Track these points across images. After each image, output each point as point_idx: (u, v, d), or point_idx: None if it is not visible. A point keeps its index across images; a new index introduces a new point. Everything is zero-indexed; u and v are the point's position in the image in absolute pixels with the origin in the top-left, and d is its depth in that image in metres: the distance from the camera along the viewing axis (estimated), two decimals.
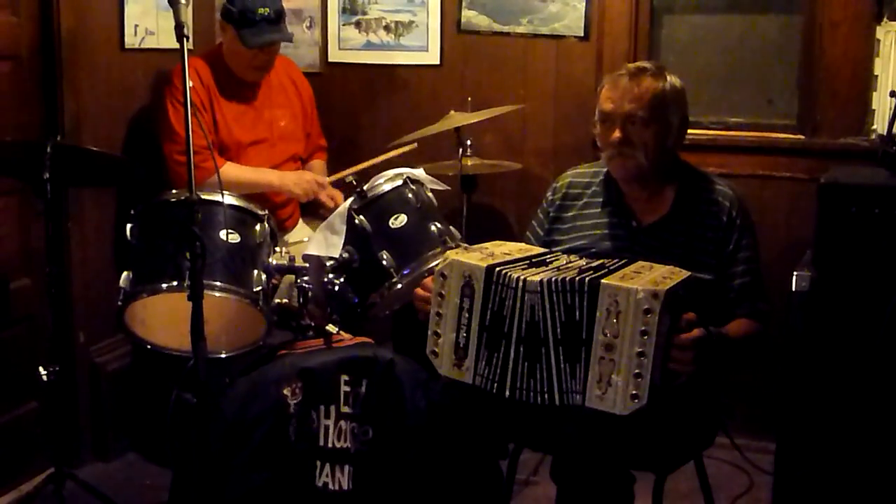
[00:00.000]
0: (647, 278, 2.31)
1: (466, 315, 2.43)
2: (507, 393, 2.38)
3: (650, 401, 2.24)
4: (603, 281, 2.29)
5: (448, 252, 2.51)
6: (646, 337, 2.23)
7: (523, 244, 2.77)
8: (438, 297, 2.47)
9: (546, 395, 2.35)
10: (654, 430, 2.46)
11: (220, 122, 3.76)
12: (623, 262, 2.50)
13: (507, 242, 2.69)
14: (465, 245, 2.97)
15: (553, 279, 2.33)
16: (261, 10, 3.64)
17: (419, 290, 2.71)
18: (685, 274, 2.39)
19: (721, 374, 2.75)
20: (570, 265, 2.48)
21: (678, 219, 2.76)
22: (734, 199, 2.76)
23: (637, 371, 2.23)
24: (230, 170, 3.66)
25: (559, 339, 2.33)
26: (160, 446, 3.67)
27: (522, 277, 2.36)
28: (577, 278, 2.32)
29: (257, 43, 3.68)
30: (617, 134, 2.69)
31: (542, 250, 2.71)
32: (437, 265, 2.52)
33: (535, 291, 2.35)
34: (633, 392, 2.23)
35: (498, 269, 2.40)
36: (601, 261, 2.51)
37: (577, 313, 2.31)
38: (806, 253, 3.24)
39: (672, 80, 2.77)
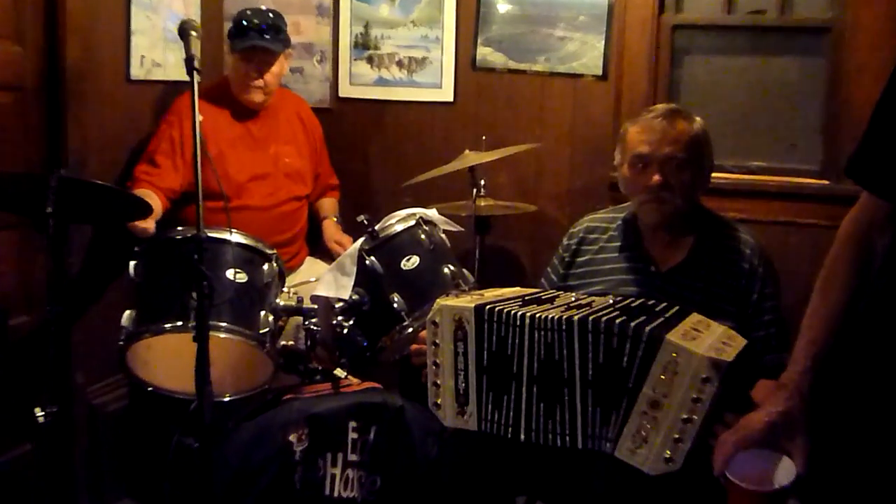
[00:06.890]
0: (708, 342, 2.18)
1: (462, 359, 2.35)
2: (523, 436, 2.28)
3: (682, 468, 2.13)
4: (667, 336, 2.16)
5: (438, 300, 2.42)
6: (697, 405, 2.10)
7: (519, 287, 2.69)
8: (433, 346, 2.39)
9: (568, 438, 2.24)
10: (685, 492, 2.35)
11: (215, 158, 3.70)
12: (651, 304, 2.40)
13: (504, 288, 2.63)
14: (456, 292, 2.90)
15: (588, 318, 2.22)
16: (254, 21, 3.75)
17: (414, 346, 2.65)
18: (742, 342, 2.27)
19: None
20: (594, 305, 2.38)
21: (697, 265, 2.71)
22: (756, 247, 2.72)
23: (678, 436, 2.11)
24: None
25: (590, 381, 2.22)
26: (157, 492, 3.58)
27: (531, 314, 2.27)
28: (631, 323, 2.20)
29: (240, 46, 3.73)
30: (657, 178, 2.67)
31: (535, 290, 2.63)
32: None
33: (552, 329, 2.24)
34: (668, 455, 2.12)
35: (489, 307, 2.32)
36: (626, 301, 2.43)
37: (626, 359, 2.18)
38: None
39: (699, 121, 2.76)
